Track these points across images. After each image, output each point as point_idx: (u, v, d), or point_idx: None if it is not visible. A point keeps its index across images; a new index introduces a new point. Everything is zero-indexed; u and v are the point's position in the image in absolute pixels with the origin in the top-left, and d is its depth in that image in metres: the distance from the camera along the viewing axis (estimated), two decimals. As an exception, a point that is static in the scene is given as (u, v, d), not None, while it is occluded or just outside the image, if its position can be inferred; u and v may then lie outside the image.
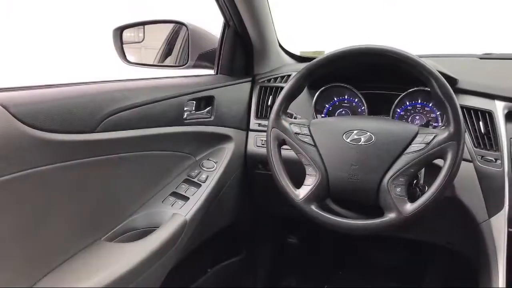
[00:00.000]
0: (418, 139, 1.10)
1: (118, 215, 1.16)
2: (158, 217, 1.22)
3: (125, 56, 1.64)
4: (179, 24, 1.62)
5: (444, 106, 1.08)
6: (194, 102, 1.37)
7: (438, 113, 1.42)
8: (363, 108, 1.50)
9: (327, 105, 1.56)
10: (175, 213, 1.22)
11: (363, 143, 1.13)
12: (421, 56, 1.55)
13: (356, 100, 1.52)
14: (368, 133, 1.14)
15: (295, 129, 1.20)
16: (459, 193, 1.29)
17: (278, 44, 1.76)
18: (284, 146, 1.23)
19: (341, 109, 1.55)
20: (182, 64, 1.63)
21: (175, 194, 1.30)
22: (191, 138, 1.37)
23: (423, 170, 1.25)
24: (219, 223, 1.54)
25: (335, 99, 1.55)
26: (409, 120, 1.47)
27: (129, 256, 1.06)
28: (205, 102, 1.43)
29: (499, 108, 1.31)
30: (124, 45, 1.64)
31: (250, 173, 1.58)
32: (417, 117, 1.46)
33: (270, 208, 1.73)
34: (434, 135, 1.09)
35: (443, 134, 1.07)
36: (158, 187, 1.28)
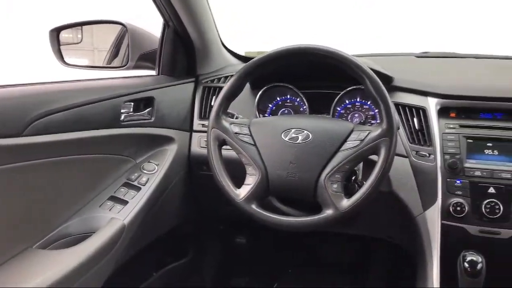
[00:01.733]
0: (353, 136, 1.12)
1: (50, 222, 1.12)
2: (95, 223, 1.18)
3: (62, 58, 1.58)
4: (117, 24, 1.58)
5: (377, 104, 1.10)
6: (132, 103, 1.34)
7: (376, 110, 1.46)
8: (304, 107, 1.52)
9: (270, 105, 1.57)
10: (113, 218, 1.19)
11: (300, 141, 1.14)
12: (360, 56, 1.61)
13: (298, 99, 1.54)
14: (306, 132, 1.15)
15: (235, 129, 1.20)
16: (396, 188, 1.33)
17: (221, 44, 1.75)
18: (227, 146, 1.22)
19: (284, 109, 1.56)
20: (122, 65, 1.59)
21: (113, 198, 1.26)
22: (130, 141, 1.34)
23: (361, 166, 1.28)
24: (163, 226, 1.52)
25: (278, 98, 1.56)
26: (348, 118, 1.49)
27: (63, 263, 1.02)
28: (144, 103, 1.40)
29: (431, 105, 1.36)
30: (62, 46, 1.58)
31: (195, 174, 1.56)
32: (356, 115, 1.49)
33: (217, 209, 1.72)
34: (368, 132, 1.11)
35: (376, 131, 1.10)
36: (95, 191, 1.25)
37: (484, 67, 1.60)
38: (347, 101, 1.49)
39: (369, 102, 1.47)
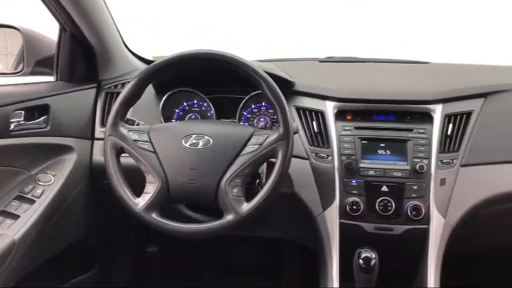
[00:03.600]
0: (253, 140, 1.14)
1: None
2: None
3: None
4: (10, 28, 1.49)
5: (274, 108, 1.13)
6: (23, 112, 1.27)
7: None
8: (211, 112, 1.52)
9: (177, 110, 1.55)
10: (1, 234, 1.12)
11: (201, 147, 1.14)
12: (264, 61, 1.64)
13: (205, 104, 1.53)
14: (206, 137, 1.15)
15: (134, 136, 1.17)
16: (298, 189, 1.37)
17: (125, 48, 1.70)
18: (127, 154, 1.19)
19: (191, 114, 1.55)
20: (17, 71, 1.50)
21: (2, 213, 1.18)
22: (22, 151, 1.27)
23: (264, 169, 1.30)
24: (64, 239, 1.45)
25: (185, 104, 1.55)
26: (254, 122, 1.52)
27: None
28: (39, 111, 1.33)
29: (329, 108, 1.41)
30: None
31: (98, 183, 1.50)
32: (262, 119, 1.52)
33: (124, 219, 1.66)
34: (266, 136, 1.13)
35: (274, 135, 1.12)
36: None
37: (381, 71, 1.69)
38: (252, 106, 1.52)
39: None
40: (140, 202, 1.13)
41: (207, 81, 1.50)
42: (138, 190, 1.15)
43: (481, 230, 1.45)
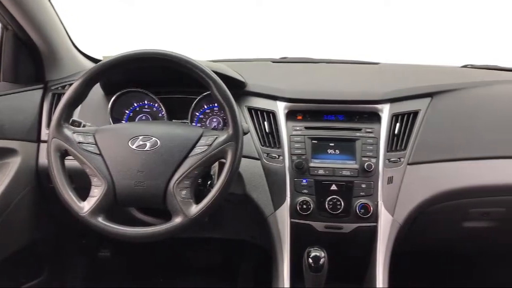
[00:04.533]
0: (202, 141, 1.13)
1: None
2: None
3: None
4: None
5: (223, 108, 1.12)
6: None
7: None
8: (163, 113, 1.50)
9: (127, 111, 1.52)
10: None
11: (148, 149, 1.12)
12: (214, 61, 1.62)
13: (156, 105, 1.51)
14: (154, 139, 1.13)
15: (79, 138, 1.14)
16: (249, 190, 1.37)
17: (74, 48, 1.66)
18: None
19: (141, 115, 1.52)
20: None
21: None
22: None
23: (216, 171, 1.29)
24: (9, 246, 1.39)
25: (135, 104, 1.52)
26: (207, 123, 1.50)
27: None
28: None
29: (280, 108, 1.42)
30: None
31: (45, 187, 1.46)
32: (215, 120, 1.51)
33: (74, 223, 1.62)
34: (215, 136, 1.13)
35: (223, 136, 1.12)
36: None
37: (333, 72, 1.72)
38: (205, 106, 1.50)
39: None
40: (85, 206, 1.09)
41: (158, 82, 1.47)
42: (85, 194, 1.12)
43: (427, 227, 1.49)
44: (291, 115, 1.43)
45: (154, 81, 1.47)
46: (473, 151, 1.40)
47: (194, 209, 1.08)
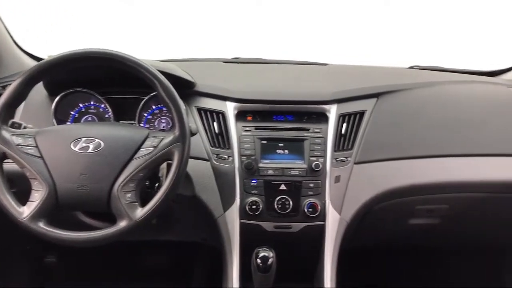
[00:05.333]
0: (148, 142, 1.11)
1: None
2: None
3: None
4: None
5: (170, 109, 1.11)
6: None
7: None
8: (109, 114, 1.46)
9: (72, 112, 1.47)
10: None
11: (92, 151, 1.09)
12: (163, 61, 1.60)
13: (102, 105, 1.47)
14: (97, 140, 1.10)
15: (18, 140, 1.09)
16: (199, 191, 1.35)
17: (16, 47, 1.60)
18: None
19: (87, 116, 1.48)
20: None
21: None
22: None
23: (165, 173, 1.27)
24: None
25: (81, 105, 1.48)
26: (156, 124, 1.48)
27: None
28: None
29: (230, 109, 1.42)
30: None
31: None
32: (163, 120, 1.49)
33: (17, 228, 1.56)
34: (161, 138, 1.11)
35: (169, 137, 1.10)
36: None
37: (283, 73, 1.73)
38: (153, 107, 1.48)
39: None
40: (25, 211, 1.05)
41: (105, 81, 1.43)
42: (26, 198, 1.07)
43: (376, 225, 1.53)
44: (240, 116, 1.42)
45: (101, 81, 1.43)
46: (418, 149, 1.44)
47: (140, 212, 1.06)
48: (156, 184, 1.24)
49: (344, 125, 1.41)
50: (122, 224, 1.06)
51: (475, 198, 1.47)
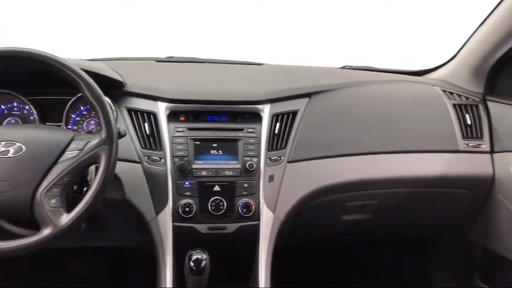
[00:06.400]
0: (73, 145, 1.07)
1: None
2: None
3: None
4: None
5: (96, 110, 1.07)
6: None
7: None
8: (34, 116, 1.39)
9: (-7, 114, 1.39)
10: None
11: (12, 155, 1.03)
12: (92, 60, 1.54)
13: (27, 107, 1.39)
14: (18, 144, 1.05)
15: None
16: (130, 195, 1.31)
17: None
18: None
19: (10, 118, 1.40)
20: None
21: None
22: None
23: (93, 177, 1.22)
24: None
25: (3, 107, 1.40)
26: (84, 125, 1.42)
27: None
28: None
29: (161, 109, 1.39)
30: None
31: None
32: (92, 122, 1.43)
33: None
34: (87, 140, 1.07)
35: (95, 139, 1.07)
36: None
37: (217, 72, 1.71)
38: (82, 108, 1.42)
39: None
40: None
41: (29, 82, 1.36)
42: None
43: (310, 222, 1.55)
44: (173, 116, 1.40)
45: (24, 82, 1.36)
46: (350, 147, 1.48)
47: (65, 218, 1.02)
48: (85, 189, 1.19)
49: (278, 124, 1.43)
50: (46, 231, 1.01)
51: (403, 193, 1.54)
